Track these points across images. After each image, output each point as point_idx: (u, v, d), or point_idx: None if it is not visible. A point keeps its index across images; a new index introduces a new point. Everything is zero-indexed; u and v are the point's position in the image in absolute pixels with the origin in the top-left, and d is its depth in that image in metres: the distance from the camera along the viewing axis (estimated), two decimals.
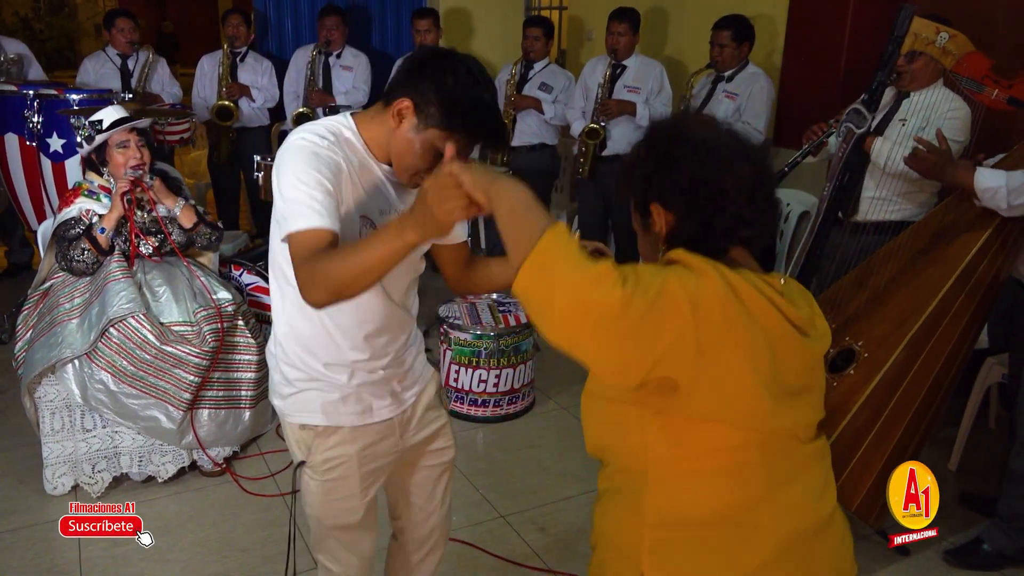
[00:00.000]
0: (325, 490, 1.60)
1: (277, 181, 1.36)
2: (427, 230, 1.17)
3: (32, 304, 2.81)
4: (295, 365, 1.56)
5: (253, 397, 2.86)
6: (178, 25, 16.01)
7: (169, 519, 2.62)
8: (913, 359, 2.41)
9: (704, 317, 0.99)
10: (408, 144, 1.40)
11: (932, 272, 2.51)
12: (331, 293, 1.26)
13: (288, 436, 1.63)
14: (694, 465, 1.10)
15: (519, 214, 1.04)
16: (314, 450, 1.58)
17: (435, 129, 1.37)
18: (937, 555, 2.52)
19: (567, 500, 2.78)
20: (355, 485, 1.62)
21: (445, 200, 1.13)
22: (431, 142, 1.38)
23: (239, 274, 3.33)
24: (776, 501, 1.11)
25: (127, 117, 2.71)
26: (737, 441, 1.08)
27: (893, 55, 2.26)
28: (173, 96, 4.75)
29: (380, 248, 1.22)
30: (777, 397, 1.07)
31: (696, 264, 1.05)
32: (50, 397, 2.63)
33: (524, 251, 0.98)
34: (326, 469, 1.59)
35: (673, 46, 4.98)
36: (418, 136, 1.39)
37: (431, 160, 1.40)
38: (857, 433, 2.37)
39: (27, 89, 3.75)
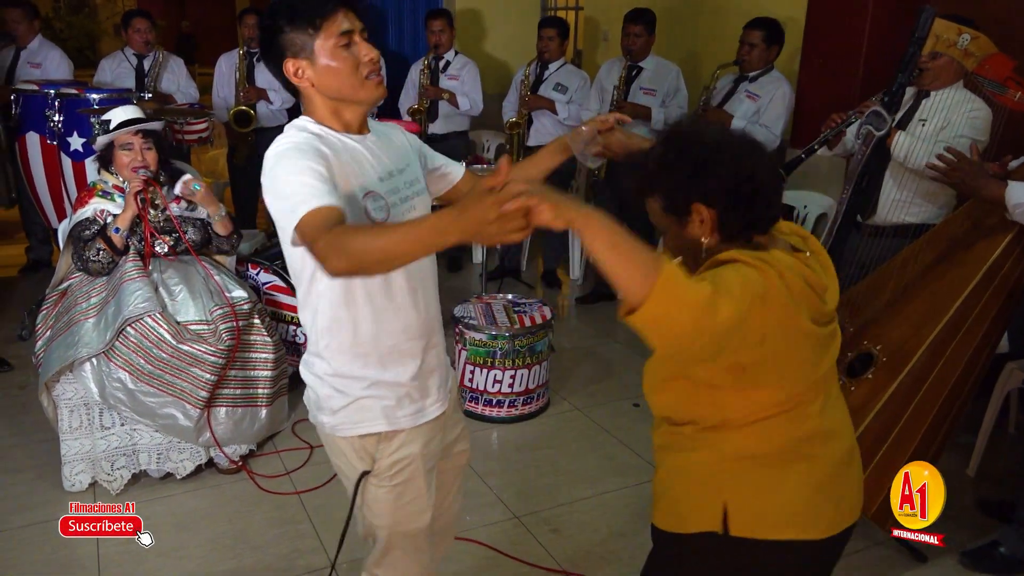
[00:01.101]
0: (395, 495, 1.58)
1: (271, 189, 1.36)
2: (471, 238, 1.14)
3: (51, 304, 2.83)
4: (348, 375, 1.53)
5: (269, 395, 2.87)
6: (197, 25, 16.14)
7: (185, 516, 2.63)
8: (932, 364, 2.39)
9: (767, 311, 1.18)
10: (334, 74, 1.43)
11: (952, 276, 2.49)
12: (353, 264, 1.23)
13: (343, 451, 1.58)
14: (761, 415, 1.31)
15: (623, 247, 1.09)
16: (379, 456, 1.56)
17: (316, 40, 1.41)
18: (955, 561, 2.49)
19: (581, 501, 2.77)
20: (422, 485, 1.61)
21: (507, 223, 1.10)
22: (329, 47, 1.41)
23: (256, 273, 3.35)
24: (824, 431, 1.36)
25: (135, 119, 2.73)
26: (793, 392, 1.31)
27: (914, 57, 2.25)
28: (189, 96, 4.78)
29: (416, 238, 1.19)
30: (817, 354, 1.31)
31: (752, 261, 1.21)
32: (68, 395, 2.65)
33: (642, 281, 1.07)
34: (394, 473, 1.57)
35: (689, 47, 4.97)
36: (323, 62, 1.42)
37: (352, 58, 1.43)
38: (875, 438, 2.35)
39: (48, 88, 3.80)
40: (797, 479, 1.34)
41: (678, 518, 1.41)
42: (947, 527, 2.60)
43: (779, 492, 1.34)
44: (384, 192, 1.48)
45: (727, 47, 4.14)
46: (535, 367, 3.30)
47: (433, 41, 4.79)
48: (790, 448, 1.33)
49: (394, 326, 1.52)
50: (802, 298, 1.24)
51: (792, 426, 1.32)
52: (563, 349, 3.94)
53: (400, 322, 1.53)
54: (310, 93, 1.47)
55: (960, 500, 2.81)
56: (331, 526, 2.59)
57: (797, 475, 1.34)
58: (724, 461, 1.35)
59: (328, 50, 1.42)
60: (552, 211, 1.08)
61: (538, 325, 3.27)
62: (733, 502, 1.34)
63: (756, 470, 1.34)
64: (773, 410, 1.31)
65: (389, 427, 1.55)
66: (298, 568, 2.41)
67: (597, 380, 3.72)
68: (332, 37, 1.42)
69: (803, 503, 1.35)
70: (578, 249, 5.05)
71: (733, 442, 1.33)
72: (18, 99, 3.85)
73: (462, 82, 4.79)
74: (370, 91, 1.47)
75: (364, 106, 1.49)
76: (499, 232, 1.10)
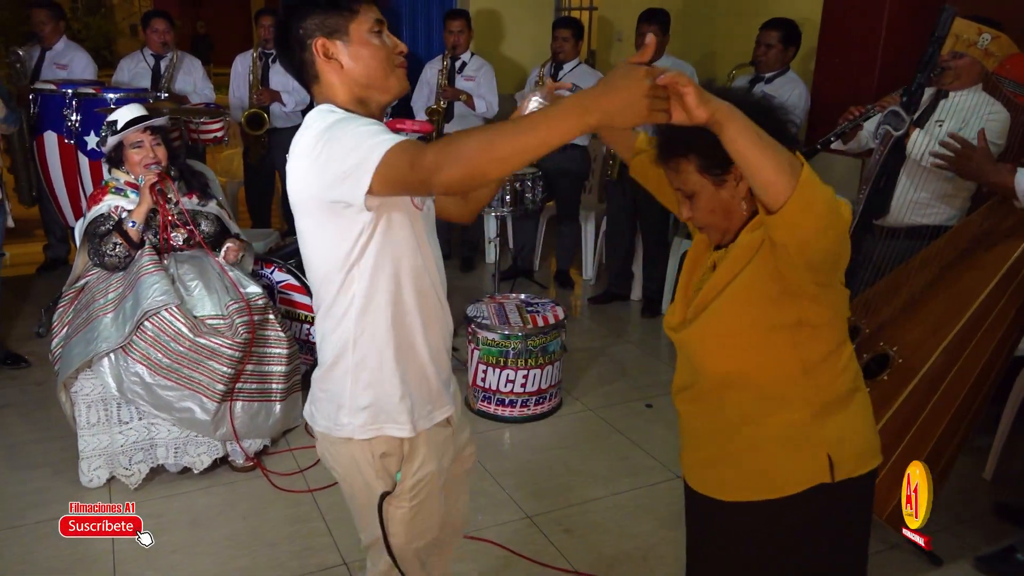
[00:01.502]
0: (413, 515, 1.55)
1: (331, 156, 1.27)
2: (615, 117, 1.06)
3: (67, 301, 2.86)
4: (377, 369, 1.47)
5: (283, 390, 2.88)
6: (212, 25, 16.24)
7: (199, 513, 2.65)
8: (949, 366, 2.37)
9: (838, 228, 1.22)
10: (364, 61, 1.40)
11: (969, 278, 2.47)
12: (473, 166, 1.13)
13: (361, 469, 1.52)
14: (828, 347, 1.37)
15: (768, 141, 1.10)
16: (403, 477, 1.52)
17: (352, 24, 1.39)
18: (970, 566, 2.47)
19: (593, 501, 2.77)
20: (437, 500, 1.59)
21: (658, 99, 1.05)
22: (362, 35, 1.39)
23: (270, 272, 3.37)
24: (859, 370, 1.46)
25: (141, 116, 2.76)
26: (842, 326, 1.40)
27: (933, 57, 2.23)
28: (205, 96, 4.81)
29: (550, 124, 1.09)
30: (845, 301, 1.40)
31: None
32: (86, 391, 2.68)
33: (791, 173, 1.10)
34: (415, 493, 1.54)
35: (704, 48, 4.95)
36: (356, 48, 1.40)
37: (383, 48, 1.41)
38: (891, 440, 2.33)
39: (66, 88, 3.83)
40: (863, 410, 1.46)
41: (777, 482, 1.41)
42: (962, 531, 2.61)
43: (862, 426, 1.45)
44: None
45: (743, 48, 4.13)
46: (548, 367, 3.29)
47: (451, 42, 4.79)
48: (852, 385, 1.42)
49: (428, 323, 1.50)
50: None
51: (850, 366, 1.42)
52: (576, 349, 3.93)
53: (434, 320, 1.51)
54: (333, 80, 1.42)
55: (976, 504, 2.78)
56: (344, 524, 2.59)
57: (861, 406, 1.45)
58: (814, 415, 1.38)
59: (363, 34, 1.40)
60: (698, 97, 1.05)
61: (551, 325, 3.27)
62: (835, 449, 1.39)
63: (841, 412, 1.40)
64: (834, 343, 1.38)
65: (413, 432, 1.50)
66: (311, 565, 2.42)
67: (610, 380, 3.71)
68: (368, 22, 1.40)
69: (872, 429, 1.47)
70: (591, 249, 5.05)
71: (816, 392, 1.38)
72: (36, 98, 3.89)
73: (478, 84, 4.79)
74: (397, 81, 1.45)
75: (388, 97, 1.46)
76: (651, 108, 1.04)
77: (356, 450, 1.51)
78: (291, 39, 1.43)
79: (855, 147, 2.98)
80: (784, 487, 1.40)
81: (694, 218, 1.40)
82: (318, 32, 1.40)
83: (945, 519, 2.63)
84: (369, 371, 1.47)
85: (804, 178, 1.11)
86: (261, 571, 2.39)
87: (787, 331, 1.34)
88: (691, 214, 1.40)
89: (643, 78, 1.04)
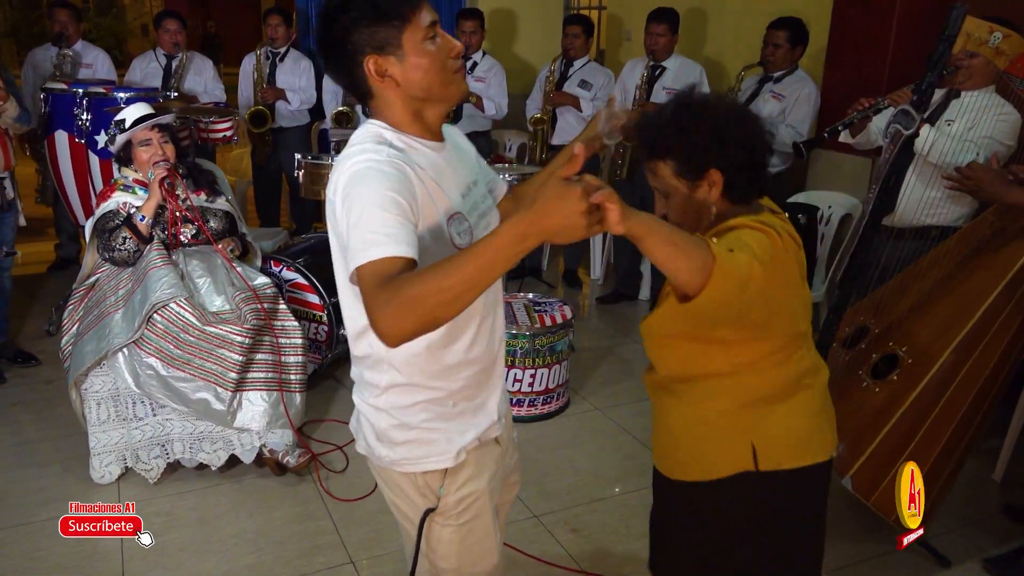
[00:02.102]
0: (463, 535, 1.46)
1: (346, 213, 1.20)
2: (555, 237, 1.05)
3: (77, 299, 2.88)
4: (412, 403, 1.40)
5: (300, 380, 2.88)
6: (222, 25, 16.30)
7: (207, 510, 2.66)
8: (959, 366, 2.36)
9: (776, 271, 1.31)
10: (420, 72, 1.29)
11: (980, 278, 2.45)
12: (423, 319, 1.08)
13: (401, 487, 1.46)
14: (765, 362, 1.44)
15: (682, 244, 1.16)
16: (445, 493, 1.44)
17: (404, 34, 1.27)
18: (979, 567, 2.45)
19: (601, 501, 2.76)
20: (490, 523, 1.50)
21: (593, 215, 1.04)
22: (416, 44, 1.27)
23: (279, 270, 3.38)
24: (812, 365, 1.52)
25: (148, 115, 2.78)
26: (788, 341, 1.46)
27: (943, 55, 2.21)
28: (215, 96, 4.83)
29: (491, 257, 1.07)
30: (803, 308, 1.48)
31: (759, 226, 1.33)
32: (96, 388, 2.69)
33: (703, 269, 1.17)
34: (461, 511, 1.45)
35: (713, 47, 4.94)
36: (410, 60, 1.28)
37: (438, 55, 1.29)
38: (899, 441, 2.32)
39: (77, 87, 3.86)
40: (802, 408, 1.50)
41: (706, 464, 1.50)
42: (971, 532, 2.59)
43: (792, 422, 1.49)
44: (466, 211, 1.36)
45: (753, 46, 4.11)
46: (555, 366, 3.29)
47: (464, 41, 4.79)
48: (792, 384, 1.48)
49: (468, 343, 1.40)
50: (795, 255, 1.39)
51: (791, 367, 1.47)
52: (583, 349, 3.93)
53: (479, 336, 1.41)
54: (389, 96, 1.31)
55: (986, 505, 2.77)
56: (351, 522, 2.60)
57: (801, 405, 1.49)
58: (742, 405, 1.46)
59: (417, 43, 1.28)
60: (620, 215, 1.05)
61: (558, 324, 3.26)
62: (759, 439, 1.46)
63: (770, 407, 1.47)
64: (776, 357, 1.45)
65: (455, 462, 1.42)
66: (318, 564, 2.43)
67: (617, 380, 3.71)
68: (420, 29, 1.28)
69: (810, 428, 1.51)
70: (599, 249, 5.04)
71: (747, 387, 1.45)
72: (47, 98, 3.92)
73: (488, 85, 4.79)
74: (457, 88, 1.35)
75: (449, 104, 1.38)
76: (588, 225, 1.03)
77: (397, 475, 1.46)
78: (337, 53, 1.31)
79: (864, 142, 2.96)
80: (717, 468, 1.49)
81: (667, 216, 1.47)
82: (368, 49, 1.28)
83: (954, 520, 2.61)
84: (404, 401, 1.40)
85: (717, 270, 1.18)
86: (268, 569, 2.40)
87: (716, 342, 1.42)
88: (664, 211, 1.47)
89: (579, 199, 1.02)
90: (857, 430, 2.38)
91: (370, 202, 1.18)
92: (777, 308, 1.37)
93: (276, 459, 2.79)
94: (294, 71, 4.95)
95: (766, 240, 1.32)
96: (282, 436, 2.80)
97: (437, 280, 1.07)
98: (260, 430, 2.76)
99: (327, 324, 3.37)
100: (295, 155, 3.80)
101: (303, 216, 5.33)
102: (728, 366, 1.45)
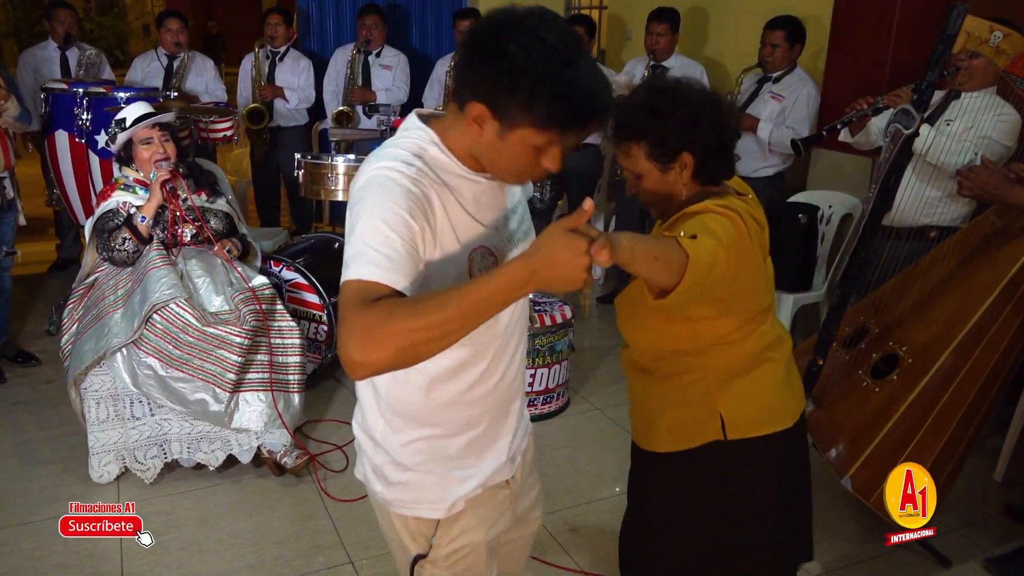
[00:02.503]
0: None
1: (351, 218, 1.13)
2: (554, 288, 1.03)
3: (77, 298, 2.88)
4: (407, 442, 1.32)
5: (299, 381, 2.88)
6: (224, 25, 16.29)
7: (207, 510, 2.66)
8: (959, 366, 2.35)
9: (740, 253, 1.38)
10: (498, 152, 1.15)
11: (980, 277, 2.45)
12: (402, 353, 1.01)
13: (394, 526, 1.39)
14: (731, 338, 1.52)
15: (660, 254, 1.22)
16: (438, 542, 1.36)
17: (524, 129, 1.11)
18: (980, 567, 2.45)
19: (601, 501, 2.76)
20: (484, 571, 1.41)
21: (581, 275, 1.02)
22: (526, 142, 1.12)
23: (278, 270, 3.38)
24: (776, 337, 1.59)
25: (149, 113, 2.78)
26: (753, 317, 1.54)
27: (944, 55, 2.21)
28: (217, 96, 4.83)
29: (484, 299, 1.02)
30: (766, 286, 1.54)
31: (723, 211, 1.38)
32: (95, 387, 2.69)
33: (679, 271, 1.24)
34: (453, 562, 1.37)
35: (714, 46, 4.93)
36: (507, 141, 1.13)
37: (533, 158, 1.15)
38: (899, 441, 2.32)
39: (77, 87, 3.86)
40: (767, 379, 1.57)
41: (682, 436, 1.58)
42: (973, 532, 2.59)
43: (757, 393, 1.56)
44: (496, 244, 1.26)
45: (753, 46, 4.10)
46: (555, 366, 3.29)
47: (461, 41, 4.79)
48: (756, 357, 1.56)
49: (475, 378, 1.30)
50: (757, 237, 1.45)
51: (755, 341, 1.55)
52: (583, 348, 3.93)
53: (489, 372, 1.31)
54: (466, 130, 1.16)
55: (987, 505, 2.76)
56: (350, 522, 2.60)
57: (766, 375, 1.57)
58: (711, 379, 1.54)
59: (526, 142, 1.12)
60: (609, 253, 1.04)
61: (558, 324, 3.26)
62: (726, 410, 1.54)
63: (736, 380, 1.54)
64: (740, 333, 1.52)
65: (448, 513, 1.34)
66: (317, 564, 2.43)
67: (617, 380, 3.70)
68: (545, 141, 1.12)
69: (775, 398, 1.59)
70: None
71: (714, 362, 1.53)
72: (48, 98, 3.92)
73: None
74: (515, 180, 1.25)
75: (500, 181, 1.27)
76: (585, 278, 1.02)
77: (389, 511, 1.39)
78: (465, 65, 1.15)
79: (863, 141, 2.95)
80: (691, 438, 1.57)
81: (638, 196, 1.54)
82: (484, 98, 1.11)
83: (955, 520, 2.61)
84: (399, 438, 1.32)
85: (690, 269, 1.24)
86: (268, 569, 2.40)
87: (684, 321, 1.49)
88: (636, 192, 1.54)
89: (584, 254, 1.01)
90: (857, 430, 2.37)
91: (378, 214, 1.10)
92: (740, 287, 1.44)
93: (275, 459, 2.79)
94: (293, 70, 4.95)
95: (730, 224, 1.37)
96: (280, 436, 2.79)
97: (428, 313, 1.01)
98: (258, 430, 2.75)
99: (327, 324, 3.37)
100: (294, 155, 3.80)
101: (303, 216, 5.33)
102: (696, 342, 1.52)
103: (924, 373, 2.36)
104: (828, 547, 2.51)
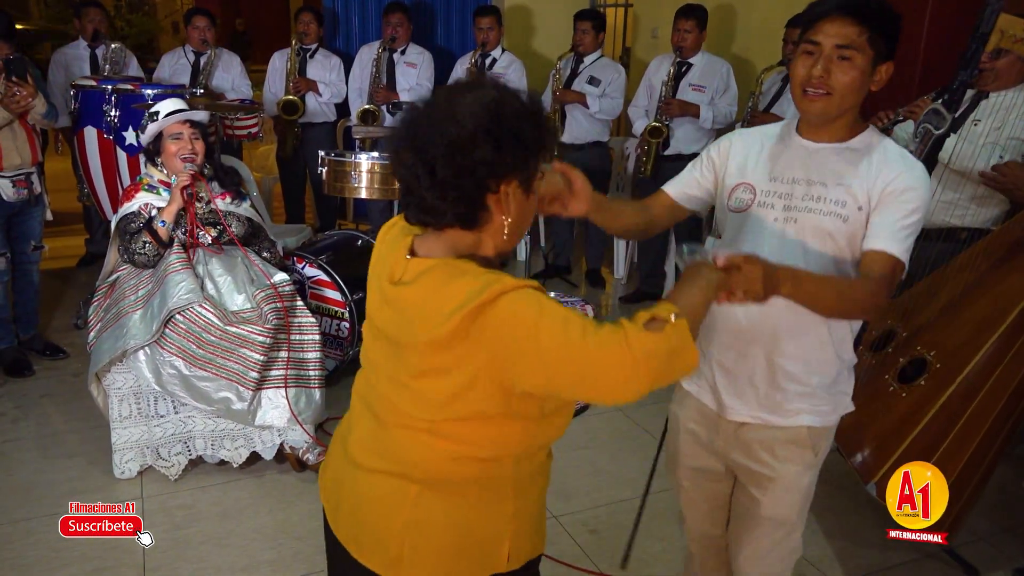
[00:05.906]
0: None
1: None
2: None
3: (101, 295, 2.92)
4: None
5: (319, 377, 2.89)
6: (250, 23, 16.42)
7: (229, 505, 2.68)
8: (989, 371, 2.31)
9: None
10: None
11: (1011, 282, 2.40)
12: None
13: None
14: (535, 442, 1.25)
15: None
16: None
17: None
18: (1007, 575, 2.41)
19: (620, 503, 2.75)
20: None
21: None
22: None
23: (302, 267, 3.40)
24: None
25: (183, 108, 2.80)
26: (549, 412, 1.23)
27: (976, 53, 2.16)
28: (242, 93, 4.87)
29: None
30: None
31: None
32: (118, 384, 2.72)
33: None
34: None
35: (740, 44, 4.88)
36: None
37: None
38: (926, 447, 2.28)
39: (106, 84, 3.90)
40: (541, 493, 1.34)
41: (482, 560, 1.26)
42: (1001, 541, 2.54)
43: (538, 508, 1.33)
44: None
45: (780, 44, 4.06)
46: None
47: (480, 39, 4.80)
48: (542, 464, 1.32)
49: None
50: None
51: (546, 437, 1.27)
52: None
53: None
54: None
55: (1016, 514, 2.71)
56: None
57: (541, 489, 1.34)
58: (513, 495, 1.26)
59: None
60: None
61: None
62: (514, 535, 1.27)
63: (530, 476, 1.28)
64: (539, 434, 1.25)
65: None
66: None
67: None
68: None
69: (541, 515, 1.36)
70: (622, 248, 5.01)
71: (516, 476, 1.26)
72: (77, 94, 3.97)
73: (507, 80, 4.76)
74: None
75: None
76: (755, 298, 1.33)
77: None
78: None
79: None
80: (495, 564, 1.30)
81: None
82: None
83: (983, 528, 2.56)
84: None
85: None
86: (287, 564, 2.41)
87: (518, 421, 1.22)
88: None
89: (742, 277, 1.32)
90: (883, 435, 2.33)
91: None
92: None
93: (297, 455, 2.80)
94: (324, 66, 4.99)
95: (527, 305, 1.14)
96: (302, 433, 2.81)
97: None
98: (281, 427, 2.77)
99: (349, 321, 3.38)
100: (319, 152, 3.82)
101: (327, 213, 5.35)
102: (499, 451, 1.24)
103: (953, 378, 2.32)
104: (852, 554, 2.48)
